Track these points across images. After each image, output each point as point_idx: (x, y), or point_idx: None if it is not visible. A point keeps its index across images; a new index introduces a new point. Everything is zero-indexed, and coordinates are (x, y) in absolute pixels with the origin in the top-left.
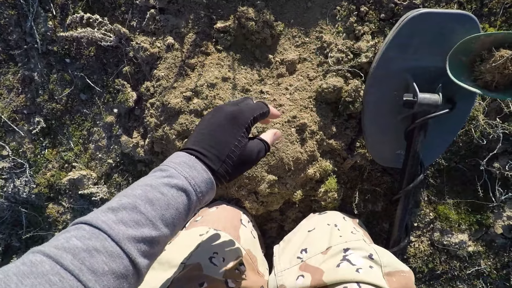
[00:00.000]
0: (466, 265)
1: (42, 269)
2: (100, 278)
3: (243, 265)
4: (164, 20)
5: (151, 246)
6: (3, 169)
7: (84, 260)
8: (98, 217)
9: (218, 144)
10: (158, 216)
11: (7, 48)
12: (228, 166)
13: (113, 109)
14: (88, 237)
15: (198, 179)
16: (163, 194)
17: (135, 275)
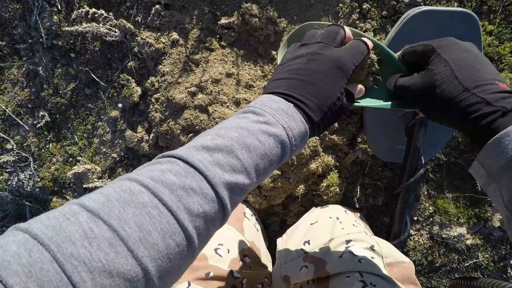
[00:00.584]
0: (464, 258)
1: (142, 200)
2: (194, 219)
3: (247, 256)
4: (169, 16)
5: (240, 194)
6: (7, 162)
7: (181, 198)
8: (193, 155)
9: (321, 94)
10: (253, 165)
11: (12, 42)
12: (326, 118)
13: (117, 104)
14: (184, 174)
15: (296, 131)
16: (261, 142)
17: (221, 221)
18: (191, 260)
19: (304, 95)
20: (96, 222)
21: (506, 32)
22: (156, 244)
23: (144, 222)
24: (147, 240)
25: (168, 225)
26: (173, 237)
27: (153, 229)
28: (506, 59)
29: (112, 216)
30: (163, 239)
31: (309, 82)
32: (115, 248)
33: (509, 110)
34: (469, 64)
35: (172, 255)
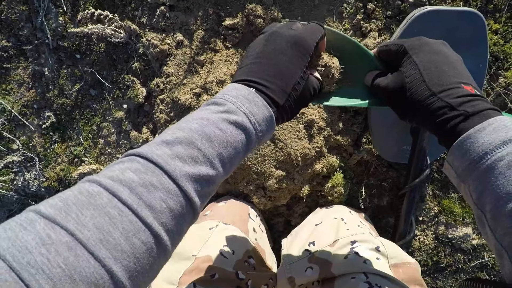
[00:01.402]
0: (470, 258)
1: (100, 201)
2: (158, 215)
3: (252, 257)
4: (173, 17)
5: (207, 185)
6: (13, 162)
7: (141, 195)
8: (153, 150)
9: (282, 74)
10: (216, 154)
11: (18, 43)
12: (292, 100)
13: (122, 105)
14: (144, 170)
15: (259, 116)
16: (222, 130)
17: (191, 215)
18: (165, 257)
19: (265, 78)
20: (53, 228)
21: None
22: (118, 244)
23: (104, 223)
24: (108, 241)
25: (130, 223)
26: (137, 235)
27: (114, 229)
28: (511, 58)
29: (69, 220)
30: (126, 239)
31: (269, 64)
32: (74, 251)
33: (471, 114)
34: (437, 67)
35: (140, 254)
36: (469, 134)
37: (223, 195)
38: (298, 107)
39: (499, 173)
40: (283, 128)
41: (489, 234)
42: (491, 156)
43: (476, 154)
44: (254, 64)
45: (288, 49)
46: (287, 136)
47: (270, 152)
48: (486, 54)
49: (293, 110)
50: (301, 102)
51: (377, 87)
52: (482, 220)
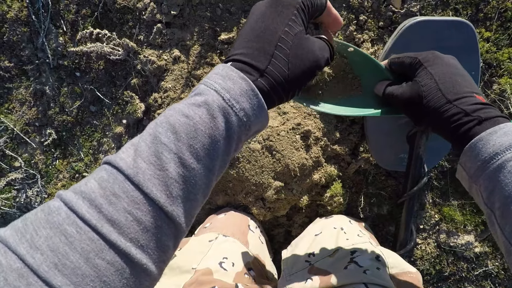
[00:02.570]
0: (474, 266)
1: (58, 218)
2: (123, 230)
3: (252, 270)
4: (170, 34)
5: (183, 188)
6: (15, 180)
7: (102, 207)
8: (118, 154)
9: (260, 34)
10: (185, 148)
11: (19, 63)
12: (280, 62)
13: (122, 120)
14: (106, 178)
15: (234, 91)
16: (188, 117)
17: (171, 226)
18: (149, 278)
19: (243, 46)
20: (5, 253)
21: (504, 38)
22: (78, 268)
23: (60, 244)
24: (65, 265)
25: (91, 242)
26: (100, 255)
27: (71, 250)
28: (504, 64)
29: (22, 243)
30: (87, 261)
31: (248, 32)
32: (26, 280)
33: (484, 119)
34: (451, 78)
35: (107, 276)
36: (481, 137)
37: (222, 207)
38: (299, 74)
39: (508, 172)
40: (280, 139)
41: (498, 232)
42: (501, 156)
43: (487, 154)
44: (237, 41)
45: (267, 10)
46: (284, 147)
47: (268, 163)
48: (478, 62)
49: (291, 77)
50: (304, 67)
51: (391, 96)
52: (492, 219)
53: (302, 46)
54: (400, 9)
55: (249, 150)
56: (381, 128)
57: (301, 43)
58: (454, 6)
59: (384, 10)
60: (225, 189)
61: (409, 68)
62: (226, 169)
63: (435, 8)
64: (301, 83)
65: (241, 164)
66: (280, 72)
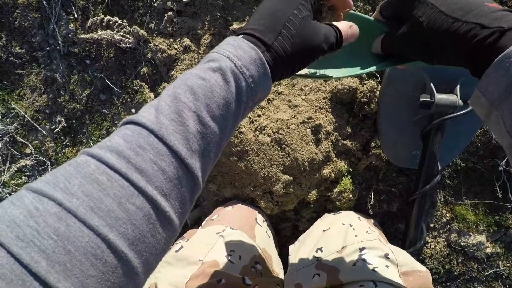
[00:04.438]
0: (484, 267)
1: (88, 169)
2: (150, 178)
3: (259, 263)
4: (181, 22)
5: (200, 144)
6: (26, 166)
7: (130, 158)
8: (140, 113)
9: (272, 14)
10: (203, 107)
11: (30, 49)
12: (285, 40)
13: (131, 109)
14: (131, 134)
15: (245, 59)
16: (205, 79)
17: (190, 178)
18: (169, 227)
19: (254, 22)
20: (41, 200)
21: None
22: (112, 211)
23: (93, 191)
24: (100, 208)
25: (122, 188)
26: (130, 200)
27: (105, 196)
28: None
29: (57, 191)
30: (119, 205)
31: (261, 10)
32: (65, 221)
33: (507, 30)
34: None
35: (137, 220)
36: (508, 53)
37: (230, 199)
38: (302, 53)
39: None
40: (289, 133)
41: None
42: None
43: None
44: (249, 19)
45: None
46: (294, 141)
47: (277, 156)
48: None
49: (293, 55)
50: (306, 48)
51: (389, 43)
52: None
53: (306, 29)
54: None
55: (258, 143)
56: (394, 124)
57: (306, 26)
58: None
59: None
60: (233, 181)
61: (403, 5)
62: (235, 162)
63: None
64: (302, 62)
65: (249, 157)
66: (284, 49)
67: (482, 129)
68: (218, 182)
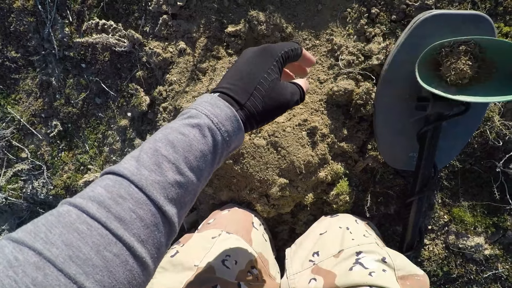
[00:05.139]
0: (483, 269)
1: (69, 218)
2: (128, 226)
3: (255, 268)
4: (176, 26)
5: (177, 192)
6: (22, 171)
7: (110, 207)
8: (121, 165)
9: (245, 76)
10: (182, 159)
11: (26, 54)
12: (256, 100)
13: (127, 113)
14: (112, 184)
15: (221, 117)
16: (184, 134)
17: (166, 224)
18: (146, 272)
19: (229, 82)
20: (21, 250)
21: None
22: (89, 259)
23: (73, 239)
24: (78, 257)
25: (100, 237)
26: (108, 248)
27: (84, 244)
28: None
29: (37, 241)
30: (97, 253)
31: (235, 71)
32: (43, 271)
33: None
34: None
35: (113, 267)
36: None
37: (226, 202)
38: (272, 111)
39: None
40: (285, 135)
41: None
42: None
43: None
44: (224, 76)
45: (254, 57)
46: (289, 144)
47: (273, 159)
48: None
49: (263, 112)
50: (274, 106)
51: None
52: None
53: (275, 90)
54: (415, 2)
55: (254, 146)
56: (391, 126)
57: (275, 87)
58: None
59: (398, 3)
60: (229, 184)
61: None
62: (231, 165)
63: (452, 1)
64: (271, 116)
65: (245, 160)
66: (255, 107)
67: (479, 130)
68: (214, 185)
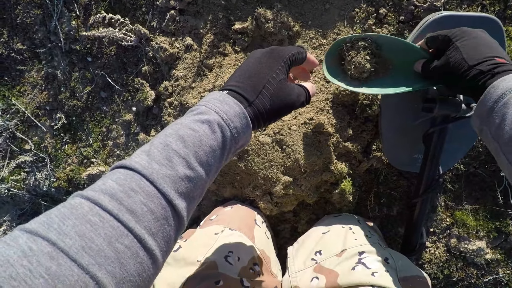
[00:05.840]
0: (484, 273)
1: (81, 210)
2: (139, 218)
3: (257, 265)
4: (183, 21)
5: (187, 186)
6: (25, 162)
7: (122, 200)
8: (132, 159)
9: (254, 76)
10: (192, 154)
11: (32, 46)
12: (265, 99)
13: (131, 108)
14: (123, 178)
15: (230, 113)
16: (194, 130)
17: (176, 218)
18: (154, 265)
19: (238, 81)
20: (35, 240)
21: None
22: (101, 250)
23: (86, 231)
24: (91, 248)
25: (112, 229)
26: (120, 240)
27: (96, 236)
28: None
29: (51, 231)
30: (109, 244)
31: (244, 70)
32: (57, 261)
33: (496, 73)
34: (475, 47)
35: (125, 259)
36: (492, 84)
37: (229, 199)
38: (279, 109)
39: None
40: (290, 134)
41: (504, 162)
42: (507, 95)
43: (496, 96)
44: (234, 75)
45: (263, 57)
46: (294, 142)
47: (277, 157)
48: None
49: (271, 111)
50: (281, 105)
51: (427, 69)
52: (498, 151)
53: (283, 90)
54: (423, 3)
55: (258, 143)
56: (396, 127)
57: (283, 87)
58: (481, 1)
59: (406, 3)
60: (232, 181)
61: (441, 43)
62: (235, 162)
63: (461, 3)
64: (278, 115)
65: (250, 157)
66: (263, 105)
67: None
68: (217, 181)
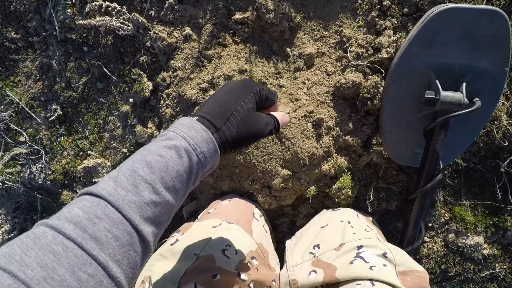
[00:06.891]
0: (480, 268)
1: (45, 240)
2: (103, 246)
3: (255, 258)
4: (182, 10)
5: (153, 211)
6: (20, 155)
7: (86, 228)
8: (99, 185)
9: (223, 104)
10: (158, 179)
11: (26, 35)
12: (232, 126)
13: (128, 99)
14: (89, 205)
15: (198, 139)
16: (161, 156)
17: (142, 244)
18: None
19: (208, 108)
20: None
21: None
22: (64, 280)
23: (48, 261)
24: (53, 278)
25: (76, 257)
26: (83, 268)
27: (59, 266)
28: None
29: (12, 263)
30: (72, 273)
31: (216, 98)
32: None
33: None
34: None
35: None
36: None
37: (227, 192)
38: (245, 137)
39: None
40: (290, 127)
41: None
42: None
43: None
44: (204, 104)
45: (234, 87)
46: (294, 135)
47: (277, 150)
48: (508, 56)
49: (238, 137)
50: (248, 133)
51: None
52: None
53: (250, 118)
54: None
55: None
56: (397, 121)
57: (250, 116)
58: None
59: None
60: (231, 174)
61: None
62: (233, 155)
63: None
64: (245, 142)
65: (248, 150)
66: (230, 131)
67: (485, 129)
68: (215, 175)
